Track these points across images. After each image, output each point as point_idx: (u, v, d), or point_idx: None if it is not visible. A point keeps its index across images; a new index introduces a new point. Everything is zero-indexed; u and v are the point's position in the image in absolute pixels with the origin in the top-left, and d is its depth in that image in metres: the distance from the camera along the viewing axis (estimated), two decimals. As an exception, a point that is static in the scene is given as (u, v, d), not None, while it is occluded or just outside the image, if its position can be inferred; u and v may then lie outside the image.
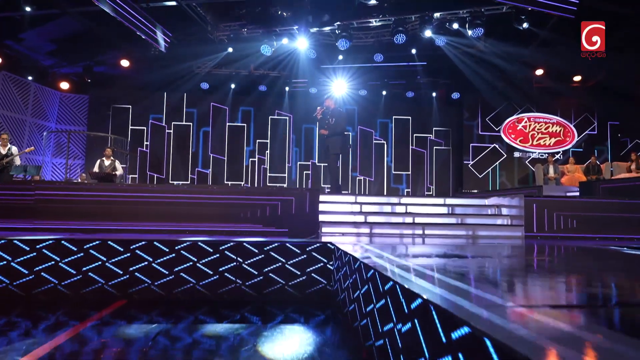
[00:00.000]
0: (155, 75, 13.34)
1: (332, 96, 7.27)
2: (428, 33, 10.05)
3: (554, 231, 4.87)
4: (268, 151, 14.54)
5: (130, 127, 14.19)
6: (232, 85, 14.22)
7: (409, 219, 4.98)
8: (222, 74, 14.03)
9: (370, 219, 4.84)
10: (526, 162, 14.68)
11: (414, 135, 15.05)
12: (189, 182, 14.30)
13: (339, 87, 14.39)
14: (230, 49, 11.74)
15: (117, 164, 9.85)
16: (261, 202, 4.56)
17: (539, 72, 13.84)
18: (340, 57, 12.42)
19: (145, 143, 14.24)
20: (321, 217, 4.69)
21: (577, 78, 14.37)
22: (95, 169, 9.62)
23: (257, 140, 14.70)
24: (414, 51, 11.84)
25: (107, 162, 9.63)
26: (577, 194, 9.68)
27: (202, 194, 4.50)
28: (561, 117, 14.81)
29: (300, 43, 11.26)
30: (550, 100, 14.79)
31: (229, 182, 14.34)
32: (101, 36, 11.83)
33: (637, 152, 12.18)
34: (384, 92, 14.41)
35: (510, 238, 4.76)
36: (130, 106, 14.19)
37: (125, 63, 13.05)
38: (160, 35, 10.96)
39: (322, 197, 5.14)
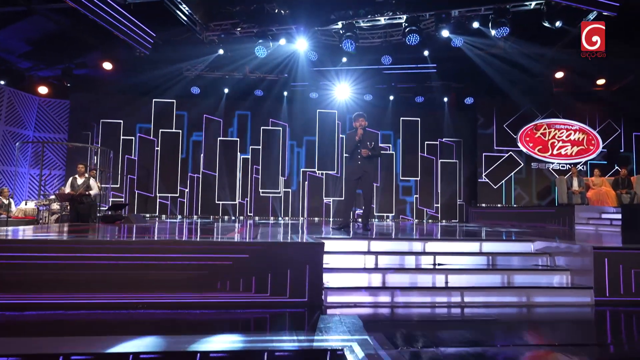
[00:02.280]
0: (141, 78, 12.17)
1: (363, 113, 6.03)
2: (445, 33, 8.87)
3: (631, 294, 3.69)
4: (260, 166, 13.36)
5: (112, 136, 13.03)
6: (226, 90, 13.04)
7: (440, 278, 3.80)
8: (214, 78, 12.85)
9: (391, 279, 3.67)
10: (546, 173, 13.47)
11: (424, 142, 13.86)
12: (177, 195, 13.13)
13: (342, 92, 13.20)
14: (220, 51, 10.54)
15: (93, 181, 8.67)
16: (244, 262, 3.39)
17: (559, 74, 12.65)
18: (344, 59, 11.24)
19: (130, 156, 13.07)
20: (326, 277, 3.50)
21: (601, 81, 13.16)
22: (67, 188, 8.44)
23: (251, 147, 13.53)
24: (426, 53, 10.66)
25: (80, 180, 8.44)
26: (616, 215, 8.49)
27: (160, 252, 3.30)
28: (583, 124, 13.60)
29: (299, 44, 10.08)
30: (572, 105, 13.59)
31: (220, 202, 13.19)
32: (80, 36, 10.66)
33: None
34: (392, 97, 13.23)
35: (578, 305, 3.58)
36: (114, 115, 13.01)
37: (107, 66, 11.88)
38: (143, 35, 9.78)
39: (326, 245, 3.99)
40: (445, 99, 13.50)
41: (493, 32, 8.40)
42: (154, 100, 13.13)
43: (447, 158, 13.91)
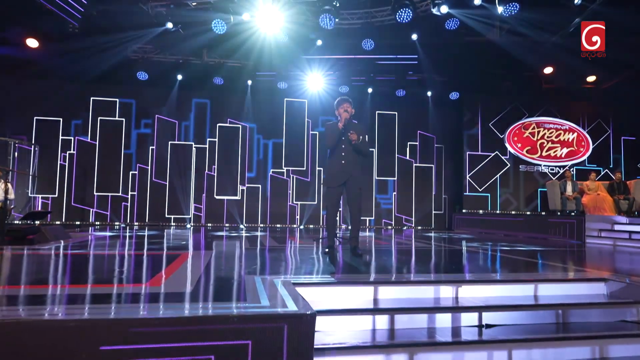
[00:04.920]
0: (75, 59, 10.11)
1: (348, 98, 4.27)
2: (444, 9, 7.44)
3: None
4: (216, 165, 11.54)
5: (47, 134, 10.87)
6: (179, 77, 11.14)
7: (500, 357, 2.29)
8: (165, 62, 10.94)
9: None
10: (536, 176, 12.41)
11: (406, 141, 12.47)
12: (119, 196, 11.13)
13: (315, 82, 11.61)
14: (169, 24, 8.68)
15: (9, 186, 6.70)
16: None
17: (548, 70, 11.57)
18: (319, 42, 9.64)
19: (64, 152, 10.95)
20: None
21: (591, 78, 12.21)
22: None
23: (209, 143, 11.68)
24: (415, 37, 9.21)
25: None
26: (633, 227, 7.34)
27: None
28: (573, 123, 12.63)
29: (267, 18, 8.39)
30: (562, 103, 12.61)
31: (171, 216, 11.30)
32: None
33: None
34: (370, 90, 11.76)
35: None
36: (42, 104, 10.83)
37: (32, 43, 9.76)
38: (71, 3, 7.84)
39: (321, 303, 2.42)
40: (429, 93, 12.16)
41: (500, 9, 7.05)
42: (90, 84, 11.04)
43: (429, 158, 12.59)
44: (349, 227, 4.85)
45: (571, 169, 12.22)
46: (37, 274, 3.16)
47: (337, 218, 4.86)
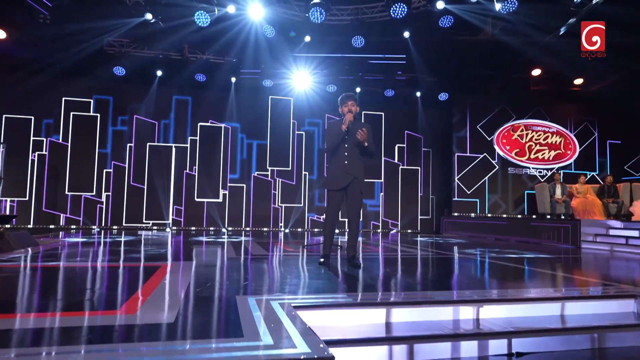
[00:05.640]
0: (46, 52, 9.47)
1: (353, 94, 3.87)
2: (440, 4, 7.14)
3: None
4: (198, 166, 11.00)
5: (15, 131, 10.16)
6: (159, 72, 10.58)
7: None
8: (144, 57, 10.36)
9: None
10: (524, 179, 12.28)
11: (394, 144, 12.17)
12: (93, 197, 10.50)
13: (302, 81, 11.21)
14: (148, 15, 8.12)
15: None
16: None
17: (536, 72, 11.47)
18: (308, 38, 9.24)
19: (34, 153, 10.26)
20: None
21: (579, 81, 12.16)
22: None
23: (190, 144, 11.15)
24: (407, 34, 8.89)
25: None
26: (629, 232, 7.18)
27: None
28: (560, 126, 12.56)
29: (253, 10, 7.95)
30: (550, 105, 12.53)
31: (150, 221, 10.72)
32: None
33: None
34: (358, 89, 11.42)
35: None
36: (13, 103, 10.12)
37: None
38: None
39: (326, 330, 2.02)
40: (418, 94, 11.90)
41: (498, 6, 6.79)
42: (62, 79, 10.37)
43: (416, 160, 12.33)
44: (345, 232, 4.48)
45: (559, 172, 12.14)
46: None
47: (336, 225, 4.47)
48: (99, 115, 10.59)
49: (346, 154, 4.20)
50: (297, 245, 6.96)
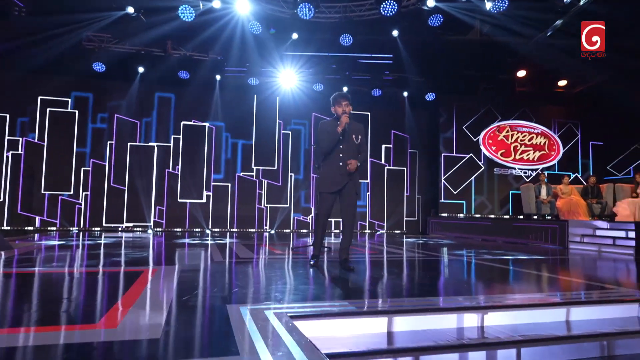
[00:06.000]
0: (21, 46, 9.06)
1: (347, 94, 3.73)
2: (431, 2, 7.04)
3: None
4: (180, 166, 10.70)
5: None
6: (140, 69, 10.25)
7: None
8: (124, 53, 10.02)
9: None
10: (510, 179, 12.33)
11: (377, 141, 12.07)
12: (70, 196, 10.11)
13: (288, 79, 11.02)
14: (130, 9, 7.82)
15: None
16: None
17: (522, 73, 11.53)
18: (295, 35, 9.06)
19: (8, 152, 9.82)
20: None
21: (562, 83, 12.29)
22: None
23: (173, 143, 10.84)
24: (395, 33, 8.79)
25: None
26: (616, 233, 7.20)
27: None
28: (545, 127, 12.66)
29: (239, 5, 7.73)
30: (535, 106, 12.62)
31: (130, 223, 10.37)
32: None
33: (642, 173, 10.28)
34: (345, 89, 11.27)
35: None
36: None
37: (-30, 26, 8.65)
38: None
39: (325, 341, 1.86)
40: (405, 94, 11.83)
41: (489, 6, 6.73)
42: (38, 75, 9.96)
43: (402, 160, 12.26)
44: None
45: (541, 173, 12.23)
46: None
47: (326, 226, 4.32)
48: (77, 111, 10.20)
49: (341, 155, 4.07)
50: (285, 247, 6.78)
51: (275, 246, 6.88)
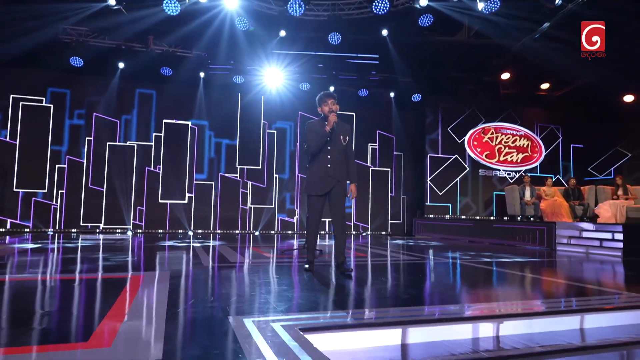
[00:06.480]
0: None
1: (333, 93, 3.59)
2: (423, 1, 6.95)
3: None
4: (161, 164, 10.35)
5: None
6: (121, 65, 9.88)
7: None
8: (104, 47, 9.62)
9: None
10: (494, 181, 12.41)
11: (362, 142, 11.96)
12: (44, 194, 9.65)
13: (274, 78, 10.80)
14: (111, 1, 7.47)
15: None
16: None
17: (505, 75, 11.61)
18: (283, 32, 8.86)
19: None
20: None
21: (545, 86, 12.45)
22: None
23: (154, 141, 10.49)
24: (385, 32, 8.69)
25: None
26: (604, 235, 7.25)
27: None
28: (528, 129, 12.81)
29: (227, 0, 7.49)
30: (518, 109, 12.75)
31: (109, 225, 9.97)
32: None
33: (622, 176, 10.49)
34: (332, 88, 11.13)
35: None
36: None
37: (-63, 15, 8.12)
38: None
39: (337, 355, 1.69)
40: (392, 94, 11.77)
41: (481, 6, 6.69)
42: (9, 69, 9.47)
43: (388, 161, 12.19)
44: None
45: (525, 174, 12.35)
46: None
47: (319, 229, 4.18)
48: (52, 105, 9.73)
49: (329, 156, 3.97)
50: (275, 250, 6.58)
51: (263, 249, 6.67)
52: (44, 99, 9.70)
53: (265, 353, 1.67)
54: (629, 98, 11.72)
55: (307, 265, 4.14)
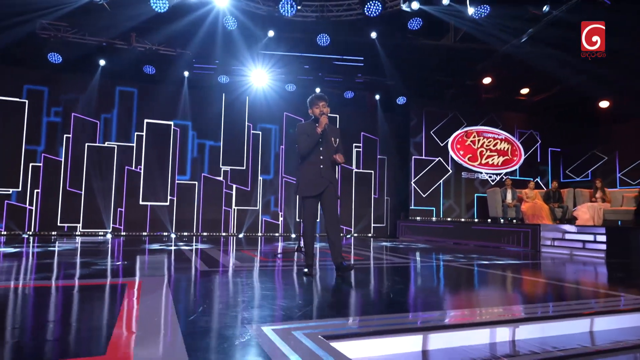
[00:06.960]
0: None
1: (324, 95, 3.56)
2: (415, 5, 6.99)
3: None
4: (142, 167, 10.09)
5: None
6: (102, 62, 9.57)
7: None
8: (84, 44, 9.29)
9: None
10: (476, 184, 12.62)
11: (348, 144, 11.96)
12: (18, 194, 9.25)
13: (259, 78, 10.69)
14: (96, -4, 7.24)
15: None
16: None
17: (487, 80, 11.81)
18: (271, 33, 8.76)
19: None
20: None
21: (525, 90, 12.73)
22: None
23: (136, 140, 10.22)
24: (374, 35, 8.70)
25: None
26: (586, 237, 7.45)
27: None
28: (508, 133, 13.08)
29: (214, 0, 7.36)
30: (499, 113, 13.01)
31: (88, 230, 9.62)
32: None
33: (601, 179, 10.81)
34: (318, 90, 11.09)
35: None
36: None
37: None
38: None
39: (361, 359, 1.67)
40: (377, 97, 11.82)
41: (471, 11, 6.77)
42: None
43: (371, 163, 12.23)
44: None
45: (507, 177, 12.61)
46: None
47: (315, 232, 4.15)
48: (27, 101, 9.33)
49: (321, 157, 3.98)
50: (266, 253, 6.48)
51: (253, 251, 6.55)
52: (22, 94, 9.31)
53: (298, 364, 1.60)
54: (604, 104, 12.12)
55: (306, 270, 4.09)
